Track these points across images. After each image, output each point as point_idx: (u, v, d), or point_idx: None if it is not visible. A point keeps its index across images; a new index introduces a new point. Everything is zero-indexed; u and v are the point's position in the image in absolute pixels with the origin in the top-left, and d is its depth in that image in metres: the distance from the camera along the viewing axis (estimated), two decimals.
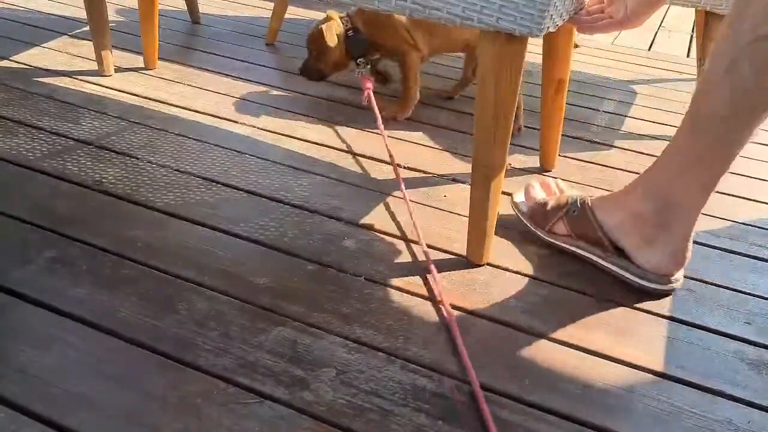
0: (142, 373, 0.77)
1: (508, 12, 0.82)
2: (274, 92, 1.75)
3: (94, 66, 1.71)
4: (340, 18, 1.58)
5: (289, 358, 0.82)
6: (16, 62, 1.72)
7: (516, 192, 1.05)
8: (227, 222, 1.11)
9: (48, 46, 1.88)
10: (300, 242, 1.08)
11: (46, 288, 0.89)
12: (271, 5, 2.14)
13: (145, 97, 1.60)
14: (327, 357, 0.83)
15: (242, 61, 1.97)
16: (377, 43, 1.57)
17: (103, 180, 1.20)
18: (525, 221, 1.01)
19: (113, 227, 1.05)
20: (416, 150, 1.48)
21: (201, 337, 0.84)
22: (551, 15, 0.83)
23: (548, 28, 0.85)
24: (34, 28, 2.02)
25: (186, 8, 2.27)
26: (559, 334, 0.92)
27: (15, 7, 2.23)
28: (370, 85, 1.53)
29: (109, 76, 1.70)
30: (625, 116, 1.79)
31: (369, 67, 1.59)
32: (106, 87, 1.63)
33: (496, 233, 1.06)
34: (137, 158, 1.30)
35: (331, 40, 1.55)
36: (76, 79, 1.66)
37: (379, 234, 1.13)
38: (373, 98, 1.48)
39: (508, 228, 1.16)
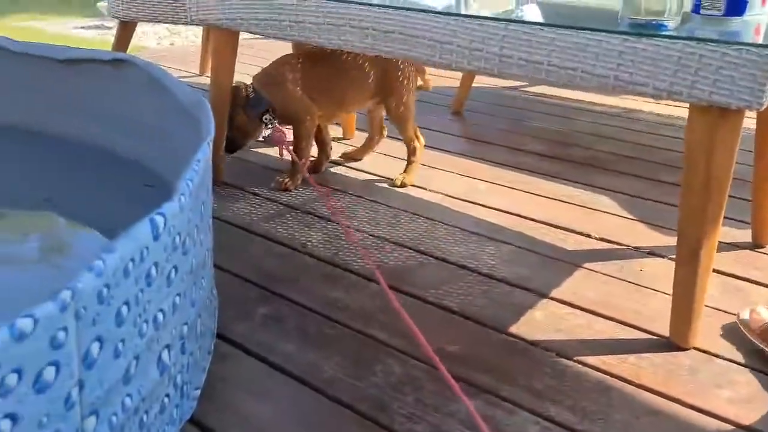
0: (343, 430, 0.82)
1: (723, 86, 0.79)
2: (462, 160, 1.81)
3: None
4: (245, 85, 1.57)
5: None
6: None
7: (741, 309, 0.99)
8: (417, 287, 1.15)
9: None
10: (487, 311, 1.09)
11: (261, 342, 0.98)
12: (458, 75, 2.23)
13: (343, 165, 1.73)
14: None
15: (428, 129, 2.06)
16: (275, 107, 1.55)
17: (308, 243, 1.31)
18: (754, 339, 0.93)
19: (318, 288, 1.14)
20: (607, 219, 1.43)
21: (396, 401, 0.87)
22: None
23: None
24: None
25: None
26: None
27: None
28: (285, 138, 1.52)
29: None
30: None
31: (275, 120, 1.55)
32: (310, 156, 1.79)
33: (703, 314, 0.99)
34: (337, 223, 1.40)
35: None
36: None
37: (571, 307, 1.10)
38: (290, 150, 1.48)
39: (718, 310, 1.08)
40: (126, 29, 1.93)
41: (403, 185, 1.60)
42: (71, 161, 1.39)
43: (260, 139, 1.64)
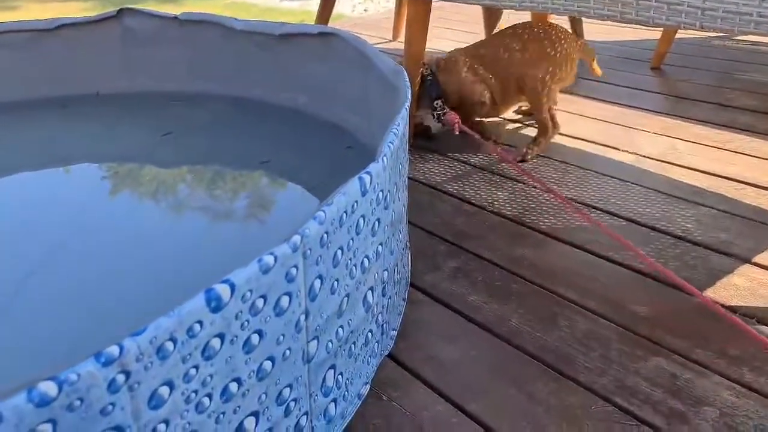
0: (528, 377, 0.87)
1: None
2: (659, 118, 1.72)
3: None
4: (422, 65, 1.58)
5: (668, 390, 0.83)
6: None
7: None
8: (607, 248, 1.15)
9: None
10: (682, 274, 1.06)
11: (450, 292, 1.06)
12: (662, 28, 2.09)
13: (531, 126, 1.74)
14: (710, 396, 0.81)
15: (625, 87, 1.98)
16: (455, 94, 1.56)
17: (495, 202, 1.36)
18: None
19: (504, 245, 1.19)
20: None
21: (582, 355, 0.90)
22: None
23: None
24: None
25: None
26: None
27: None
28: (457, 119, 1.51)
29: None
30: None
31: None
32: (498, 117, 1.82)
33: None
34: (524, 183, 1.43)
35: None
36: None
37: None
38: (466, 128, 1.47)
39: None
40: (328, 0, 2.09)
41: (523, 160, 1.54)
42: (284, 127, 1.56)
43: (434, 130, 1.66)
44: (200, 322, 0.52)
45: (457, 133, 1.51)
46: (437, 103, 1.56)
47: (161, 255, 1.07)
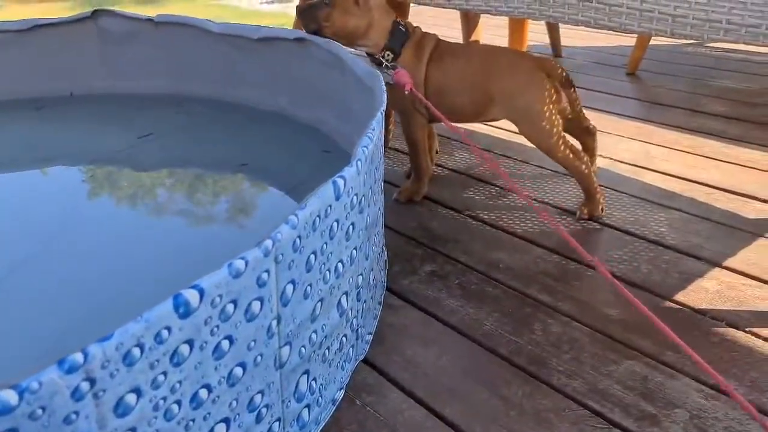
0: (501, 381, 0.88)
1: None
2: (634, 123, 1.74)
3: None
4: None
5: (639, 393, 0.84)
6: None
7: None
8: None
9: None
10: (654, 278, 1.08)
11: (426, 296, 1.06)
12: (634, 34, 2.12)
13: (507, 130, 1.75)
14: (680, 398, 0.82)
15: (601, 92, 2.00)
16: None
17: (470, 206, 1.36)
18: None
19: (480, 248, 1.20)
20: None
21: (555, 358, 0.91)
22: None
23: None
24: None
25: (549, 43, 2.39)
26: None
27: None
28: (408, 79, 1.21)
29: None
30: None
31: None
32: None
33: None
34: (500, 187, 1.44)
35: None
36: None
37: (745, 278, 1.05)
38: (418, 93, 1.21)
39: None
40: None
41: (586, 217, 1.28)
42: (263, 130, 1.56)
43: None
44: (168, 328, 0.51)
45: (407, 92, 1.21)
46: (388, 55, 1.28)
47: (139, 259, 1.06)
